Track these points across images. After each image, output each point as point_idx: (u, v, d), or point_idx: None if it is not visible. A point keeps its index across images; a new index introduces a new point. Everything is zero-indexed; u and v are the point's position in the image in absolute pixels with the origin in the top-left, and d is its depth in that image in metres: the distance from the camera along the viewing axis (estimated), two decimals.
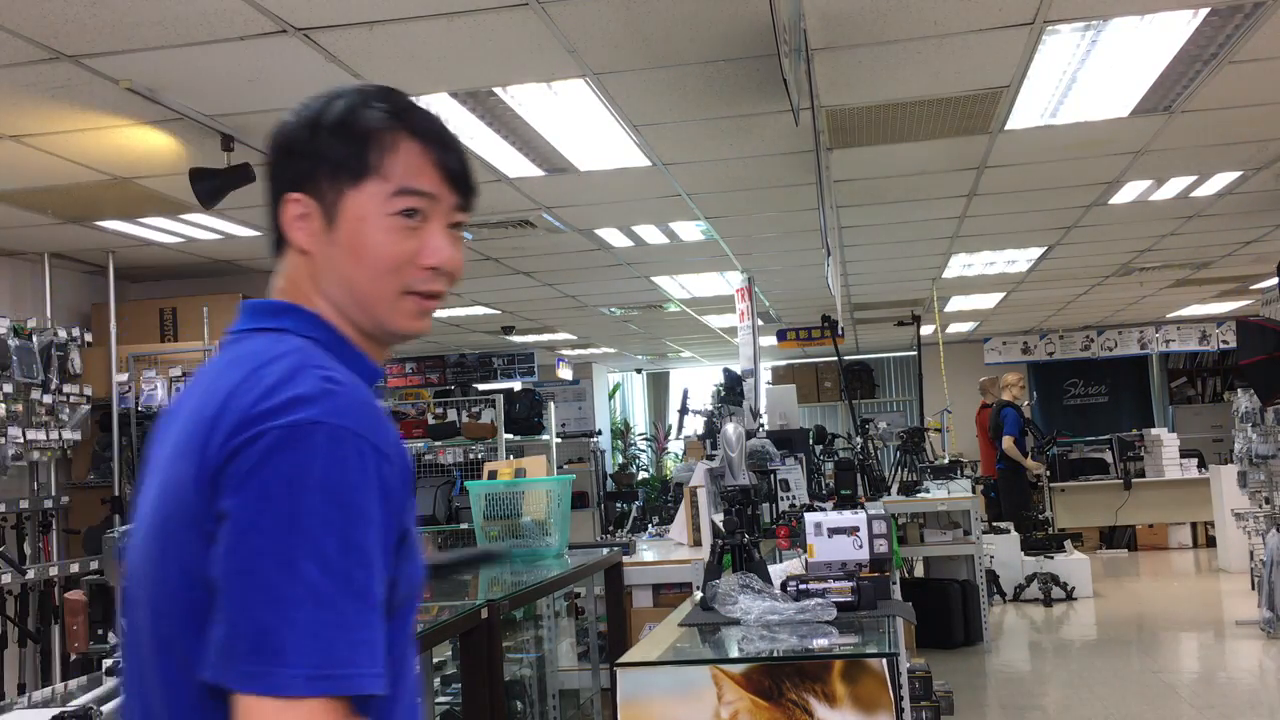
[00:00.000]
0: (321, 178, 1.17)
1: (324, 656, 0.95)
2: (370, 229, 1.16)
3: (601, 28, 3.58)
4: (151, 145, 4.55)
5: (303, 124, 1.22)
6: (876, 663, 2.41)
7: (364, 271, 1.16)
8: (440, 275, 1.18)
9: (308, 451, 0.99)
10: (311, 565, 0.96)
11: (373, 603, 1.00)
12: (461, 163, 1.21)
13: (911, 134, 5.04)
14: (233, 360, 1.11)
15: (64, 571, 5.84)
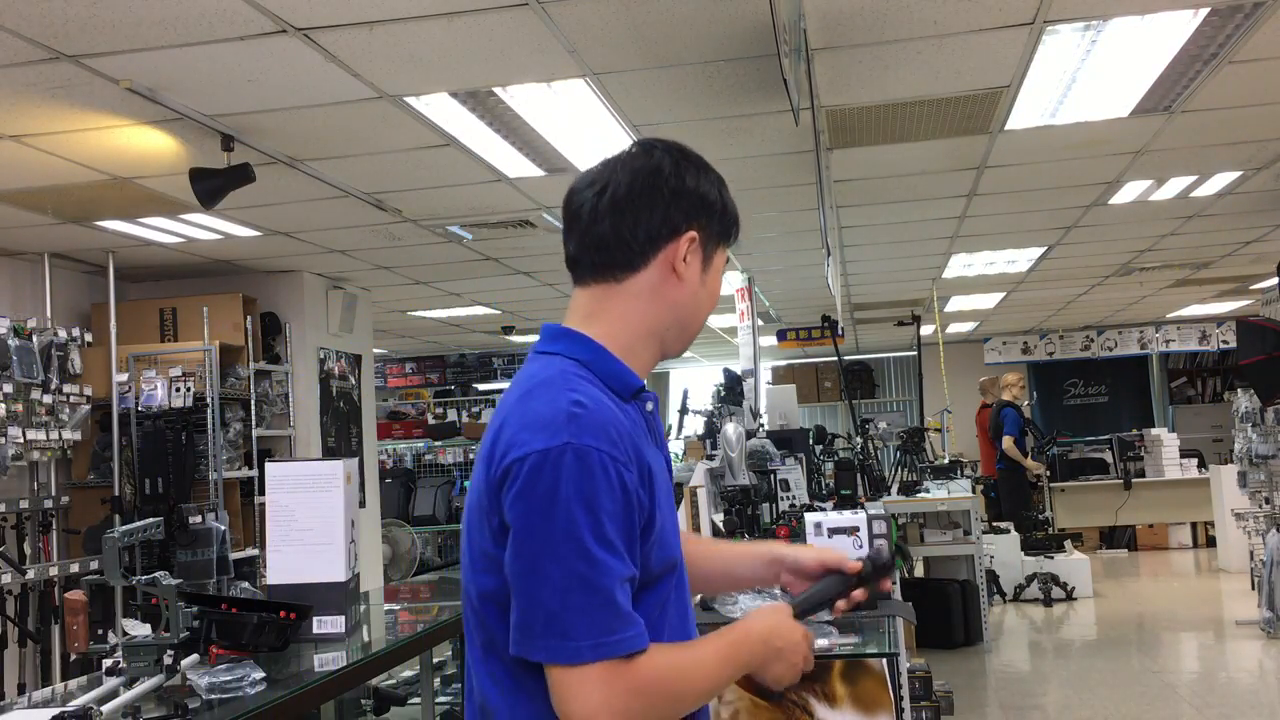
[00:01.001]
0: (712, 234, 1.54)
1: (601, 629, 1.27)
2: (710, 283, 1.55)
3: (601, 28, 3.58)
4: (151, 145, 4.55)
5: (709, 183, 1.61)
6: (876, 663, 2.41)
7: (704, 308, 1.54)
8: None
9: (561, 469, 1.28)
10: (577, 560, 1.27)
11: (624, 580, 1.31)
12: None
13: (911, 134, 5.04)
14: (518, 379, 1.45)
15: (64, 571, 5.84)
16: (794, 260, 8.31)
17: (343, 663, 2.53)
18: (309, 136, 4.55)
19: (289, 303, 7.42)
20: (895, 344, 15.24)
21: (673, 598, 1.45)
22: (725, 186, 1.58)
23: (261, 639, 2.37)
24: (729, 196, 1.57)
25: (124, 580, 2.28)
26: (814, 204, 5.80)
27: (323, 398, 7.55)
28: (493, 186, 5.50)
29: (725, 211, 1.55)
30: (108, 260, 6.54)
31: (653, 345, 1.51)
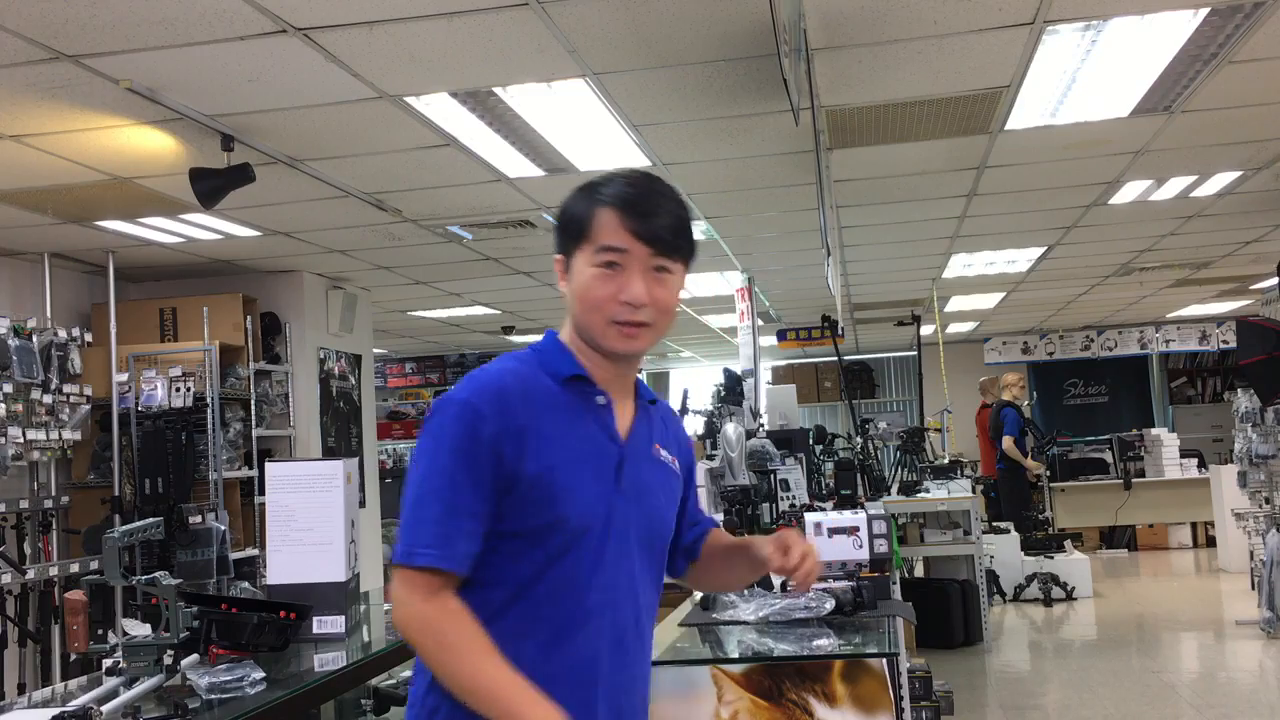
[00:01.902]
0: (565, 243, 1.70)
1: (411, 540, 1.58)
2: (584, 278, 1.66)
3: (601, 28, 3.58)
4: (151, 145, 4.55)
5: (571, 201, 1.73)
6: (876, 663, 2.41)
7: (581, 306, 1.66)
8: (637, 309, 1.64)
9: (436, 412, 1.63)
10: (418, 483, 1.60)
11: (455, 507, 1.58)
12: (649, 221, 1.65)
13: (911, 134, 5.04)
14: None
15: (64, 571, 5.84)
16: (794, 260, 8.31)
17: (343, 663, 2.53)
18: (309, 136, 4.55)
19: (289, 303, 7.42)
20: (895, 344, 15.24)
21: (569, 560, 1.61)
22: (590, 194, 1.69)
23: (261, 639, 2.37)
24: (573, 203, 1.71)
25: (124, 580, 2.28)
26: (814, 204, 5.80)
27: (323, 398, 7.55)
28: (493, 186, 5.51)
29: (563, 223, 1.71)
30: (108, 260, 6.54)
31: (581, 337, 1.71)
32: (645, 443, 1.76)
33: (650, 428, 1.79)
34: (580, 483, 1.63)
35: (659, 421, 1.83)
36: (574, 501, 1.62)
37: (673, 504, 1.82)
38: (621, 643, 1.66)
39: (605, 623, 1.64)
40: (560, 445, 1.63)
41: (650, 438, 1.78)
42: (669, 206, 1.68)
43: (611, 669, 1.65)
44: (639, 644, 1.70)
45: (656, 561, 1.77)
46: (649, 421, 1.79)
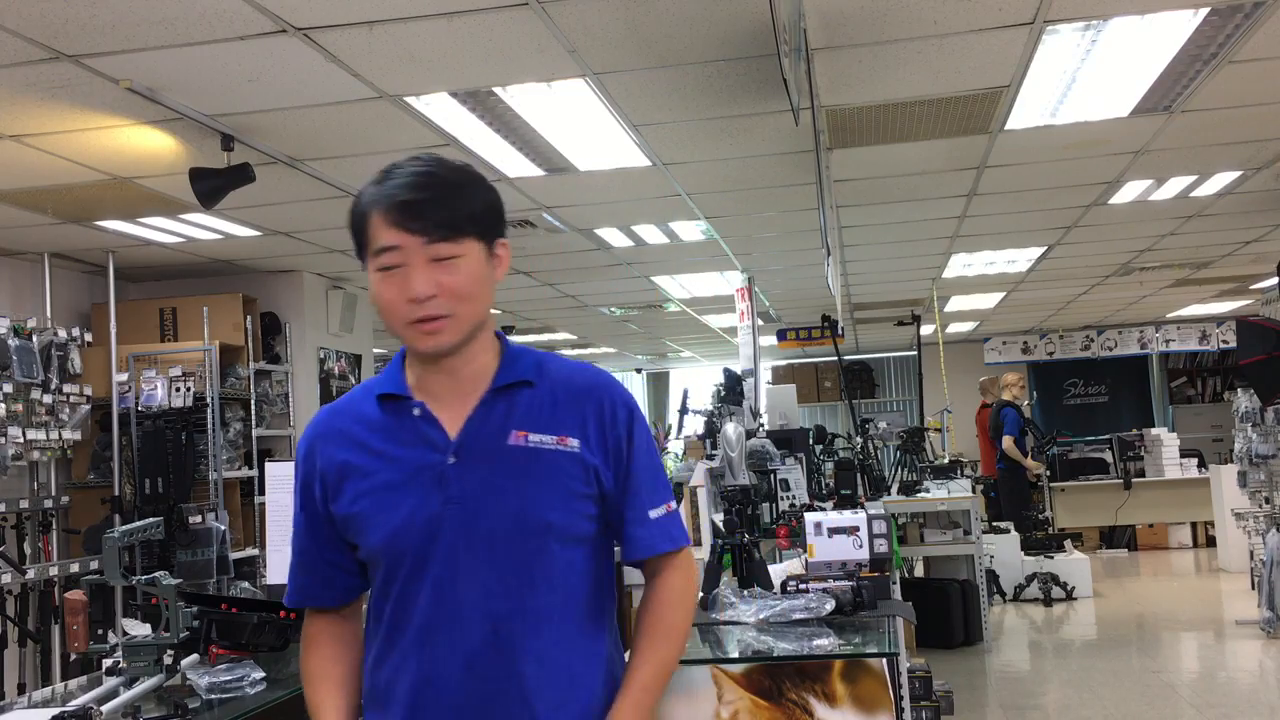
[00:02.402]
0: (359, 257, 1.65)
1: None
2: (374, 287, 1.60)
3: (601, 28, 3.58)
4: (151, 145, 4.55)
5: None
6: (876, 663, 2.41)
7: (381, 316, 1.62)
8: (424, 303, 1.56)
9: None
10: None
11: (300, 550, 1.74)
12: (411, 210, 1.56)
13: (911, 134, 5.04)
14: None
15: (64, 571, 5.84)
16: (794, 260, 8.31)
17: None
18: (309, 136, 4.55)
19: (289, 303, 7.42)
20: (895, 344, 15.24)
21: (397, 584, 1.63)
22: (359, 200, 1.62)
23: (261, 639, 2.37)
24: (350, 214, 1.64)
25: (124, 580, 2.28)
26: (814, 204, 5.80)
27: (323, 398, 7.55)
28: None
29: (352, 237, 1.65)
30: (108, 260, 6.54)
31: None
32: (495, 434, 1.63)
33: (509, 414, 1.65)
34: (389, 509, 1.61)
35: (537, 403, 1.67)
36: (379, 531, 1.62)
37: (553, 488, 1.63)
38: (473, 662, 1.58)
39: (443, 643, 1.59)
40: (370, 475, 1.63)
41: (505, 426, 1.64)
42: (433, 188, 1.57)
43: (465, 690, 1.59)
44: (502, 658, 1.59)
45: (528, 561, 1.61)
46: (508, 408, 1.65)
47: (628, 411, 1.71)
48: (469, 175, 1.63)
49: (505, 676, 1.58)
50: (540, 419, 1.65)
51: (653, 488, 1.72)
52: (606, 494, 1.68)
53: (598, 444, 1.67)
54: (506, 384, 1.66)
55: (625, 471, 1.69)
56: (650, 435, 1.77)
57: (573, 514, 1.64)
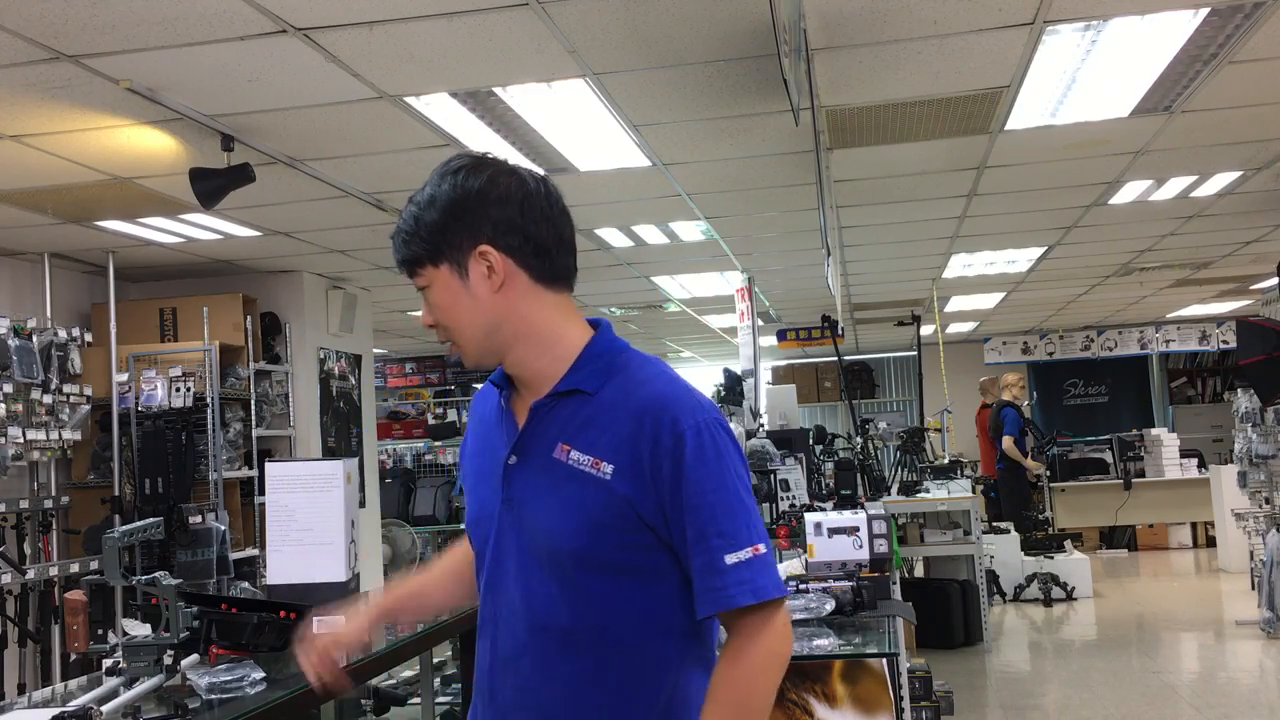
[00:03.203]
0: None
1: None
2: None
3: (601, 28, 3.58)
4: (151, 145, 4.55)
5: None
6: (876, 663, 2.41)
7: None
8: (430, 329, 1.66)
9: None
10: None
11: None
12: (394, 254, 1.68)
13: (911, 134, 5.04)
14: None
15: (64, 571, 5.84)
16: (794, 260, 8.30)
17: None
18: (309, 136, 4.55)
19: (289, 303, 7.42)
20: (895, 344, 15.24)
21: (478, 570, 1.69)
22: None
23: (261, 639, 2.37)
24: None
25: (124, 580, 2.28)
26: (814, 204, 5.80)
27: (323, 398, 7.55)
28: None
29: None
30: (108, 260, 6.54)
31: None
32: (543, 444, 1.57)
33: (561, 425, 1.56)
34: (475, 498, 1.68)
35: (590, 417, 1.56)
36: (469, 514, 1.70)
37: (579, 513, 1.52)
38: (511, 663, 1.56)
39: (489, 638, 1.60)
40: (473, 460, 1.72)
41: (554, 437, 1.56)
42: (401, 227, 1.64)
43: (499, 686, 1.58)
44: (537, 669, 1.53)
45: (562, 579, 1.52)
46: (560, 418, 1.57)
47: (675, 437, 1.50)
48: (436, 183, 1.60)
49: (540, 692, 1.53)
50: (587, 435, 1.54)
51: (727, 527, 1.48)
52: (655, 529, 1.51)
53: (632, 471, 1.50)
54: (562, 391, 1.58)
55: (679, 506, 1.49)
56: (726, 462, 1.52)
57: (604, 544, 1.51)
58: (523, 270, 1.60)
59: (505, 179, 1.59)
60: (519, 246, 1.59)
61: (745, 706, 1.47)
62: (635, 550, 1.51)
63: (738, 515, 1.49)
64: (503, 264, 1.58)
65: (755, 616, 1.47)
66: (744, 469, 1.55)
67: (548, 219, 1.63)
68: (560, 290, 1.67)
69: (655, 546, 1.51)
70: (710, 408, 1.56)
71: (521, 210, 1.59)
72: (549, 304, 1.64)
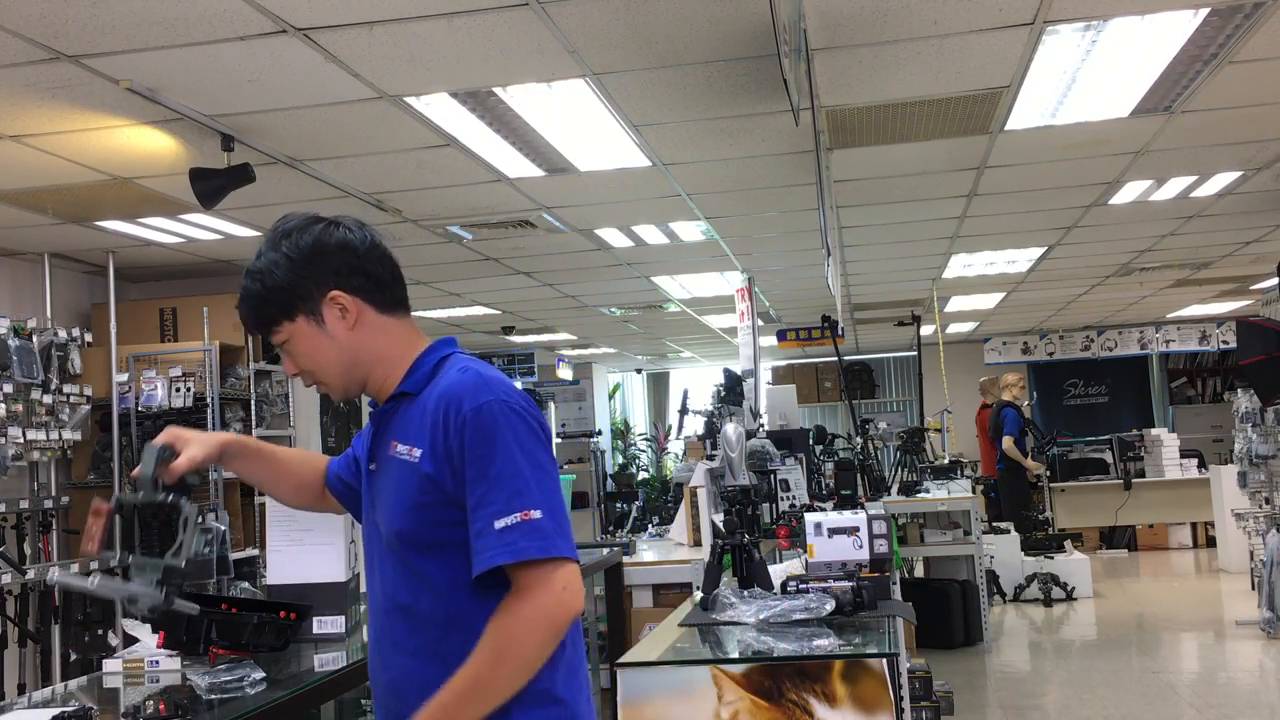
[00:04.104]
0: None
1: None
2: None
3: (601, 28, 3.58)
4: (151, 145, 4.55)
5: None
6: (876, 663, 2.41)
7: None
8: (297, 377, 1.83)
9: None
10: None
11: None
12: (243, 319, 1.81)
13: (911, 134, 5.04)
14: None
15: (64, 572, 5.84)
16: (794, 260, 8.31)
17: (343, 663, 2.53)
18: (309, 136, 4.55)
19: None
20: (895, 344, 15.24)
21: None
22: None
23: (261, 639, 2.37)
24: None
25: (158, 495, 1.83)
26: (814, 204, 5.80)
27: (323, 398, 7.55)
28: (493, 186, 5.50)
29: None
30: (108, 260, 6.54)
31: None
32: (384, 444, 1.79)
33: (392, 425, 1.79)
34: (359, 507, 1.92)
35: (412, 413, 1.76)
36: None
37: (401, 498, 1.71)
38: (377, 645, 1.79)
39: (372, 625, 1.81)
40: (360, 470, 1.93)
41: (390, 436, 1.78)
42: (244, 289, 1.79)
43: (375, 666, 1.80)
44: (392, 649, 1.74)
45: (398, 563, 1.73)
46: (394, 418, 1.80)
47: (460, 417, 1.67)
48: (267, 252, 1.79)
49: (392, 668, 1.75)
50: (409, 430, 1.74)
51: (498, 495, 1.63)
52: (459, 503, 1.68)
53: (432, 452, 1.69)
54: (392, 395, 1.81)
55: (464, 479, 1.66)
56: (506, 436, 1.66)
57: (422, 523, 1.69)
58: (369, 305, 1.80)
59: (335, 231, 1.84)
60: (362, 285, 1.79)
61: (502, 653, 1.62)
62: (451, 526, 1.68)
63: (510, 483, 1.64)
64: (353, 304, 1.78)
65: (530, 575, 1.62)
66: (536, 442, 1.68)
67: (381, 256, 1.85)
68: (402, 316, 1.86)
69: (460, 524, 1.68)
70: (501, 390, 1.70)
71: (358, 254, 1.81)
72: (395, 329, 1.83)
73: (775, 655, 2.51)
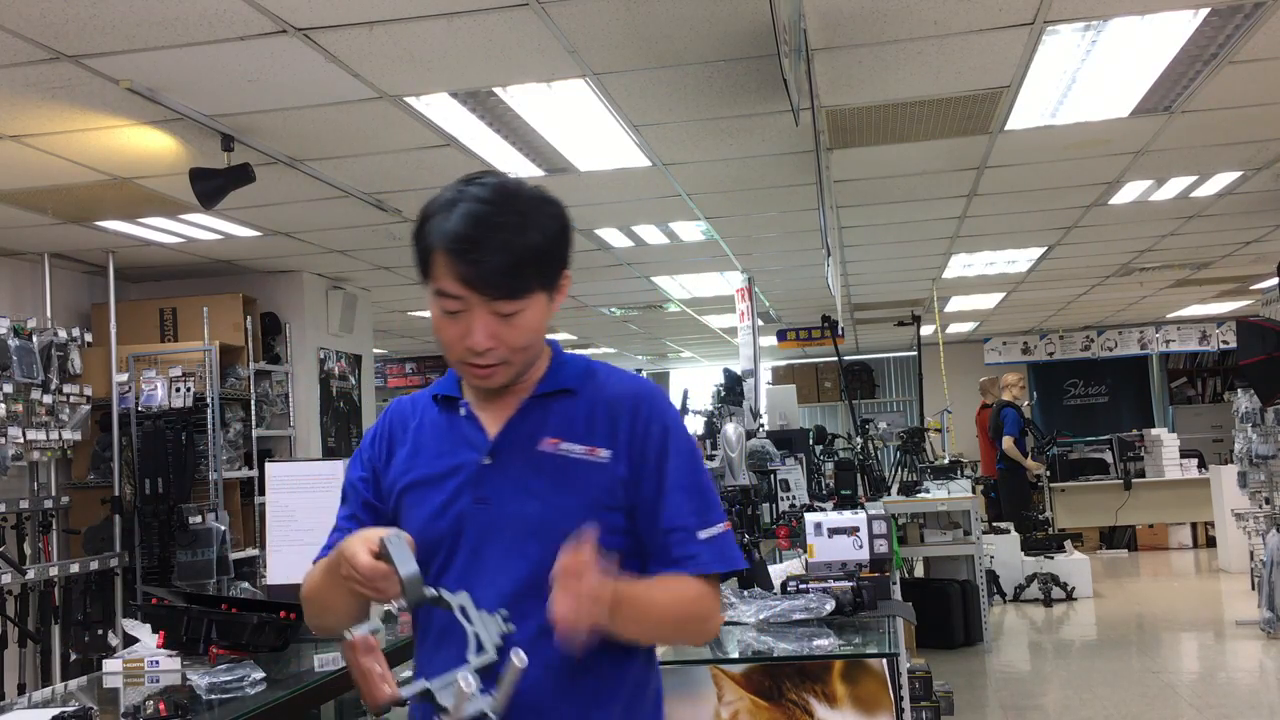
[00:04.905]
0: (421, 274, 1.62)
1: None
2: (434, 316, 1.61)
3: (601, 28, 3.58)
4: (151, 145, 4.55)
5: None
6: (876, 663, 2.41)
7: (440, 343, 1.63)
8: (483, 354, 1.57)
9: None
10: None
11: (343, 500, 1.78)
12: (474, 266, 1.52)
13: (911, 134, 5.04)
14: None
15: (64, 571, 5.85)
16: (794, 260, 8.31)
17: (343, 663, 2.53)
18: (309, 136, 4.55)
19: (289, 303, 7.42)
20: (895, 344, 15.24)
21: (429, 570, 1.62)
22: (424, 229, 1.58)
23: (261, 639, 2.37)
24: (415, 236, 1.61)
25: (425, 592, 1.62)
26: (814, 204, 5.80)
27: (323, 398, 7.55)
28: None
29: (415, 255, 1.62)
30: (108, 260, 6.54)
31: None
32: (529, 439, 1.64)
33: (544, 420, 1.65)
34: (424, 502, 1.65)
35: (575, 412, 1.66)
36: (414, 523, 1.64)
37: (577, 498, 1.61)
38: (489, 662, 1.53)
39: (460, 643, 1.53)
40: (414, 468, 1.69)
41: (540, 432, 1.64)
42: (503, 243, 1.53)
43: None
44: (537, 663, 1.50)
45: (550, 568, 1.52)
46: (545, 414, 1.66)
47: (662, 426, 1.66)
48: (534, 213, 1.56)
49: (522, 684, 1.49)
50: (574, 427, 1.65)
51: (702, 506, 1.65)
52: (638, 510, 1.63)
53: (627, 456, 1.63)
54: (548, 391, 1.67)
55: (661, 487, 1.63)
56: (696, 453, 1.70)
57: (602, 527, 1.55)
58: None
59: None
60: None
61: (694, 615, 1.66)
62: (616, 535, 1.62)
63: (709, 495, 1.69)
64: (568, 286, 1.66)
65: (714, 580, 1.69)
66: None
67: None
68: None
69: (627, 533, 1.65)
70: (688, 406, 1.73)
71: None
72: None
73: (775, 655, 2.51)
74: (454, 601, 1.52)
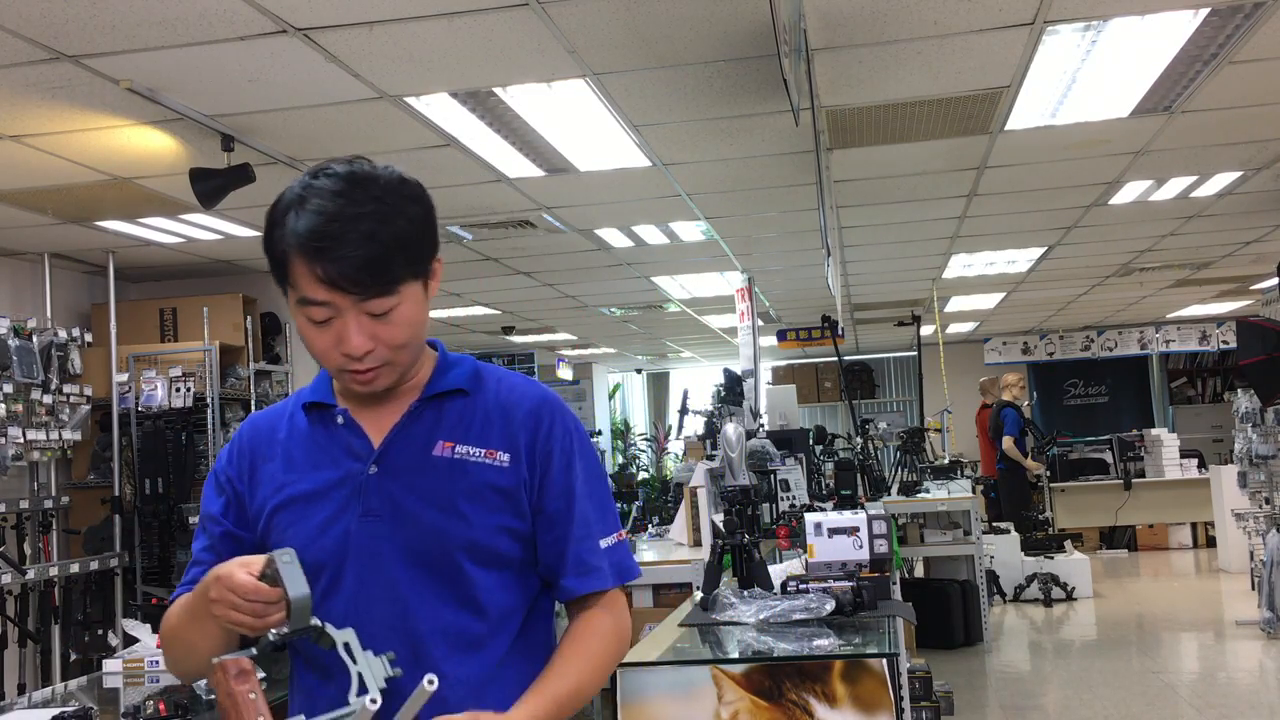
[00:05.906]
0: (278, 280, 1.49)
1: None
2: (301, 328, 1.48)
3: (601, 28, 3.58)
4: (151, 145, 4.55)
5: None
6: (876, 663, 2.41)
7: (312, 355, 1.50)
8: (361, 357, 1.44)
9: None
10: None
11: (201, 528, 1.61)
12: (335, 266, 1.39)
13: (911, 134, 5.04)
14: None
15: (64, 571, 5.84)
16: (794, 260, 8.31)
17: None
18: (309, 136, 4.55)
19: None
20: (895, 344, 15.24)
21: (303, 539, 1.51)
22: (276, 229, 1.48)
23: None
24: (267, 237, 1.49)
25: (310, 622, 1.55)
26: (814, 204, 5.80)
27: None
28: (493, 187, 5.50)
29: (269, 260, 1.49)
30: (108, 260, 6.54)
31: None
32: (419, 444, 1.53)
33: (436, 424, 1.54)
34: (304, 519, 1.52)
35: (469, 414, 1.56)
36: (293, 543, 1.47)
37: (474, 504, 1.51)
38: (393, 683, 1.41)
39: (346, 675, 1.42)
40: (288, 484, 1.54)
41: (432, 436, 1.53)
42: (364, 235, 1.39)
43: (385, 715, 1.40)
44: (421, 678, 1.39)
45: (450, 579, 1.49)
46: (436, 417, 1.55)
47: (565, 432, 1.58)
48: (392, 197, 1.44)
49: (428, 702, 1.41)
50: (470, 430, 1.54)
51: (604, 514, 1.60)
52: (540, 518, 1.56)
53: (528, 462, 1.54)
54: (437, 393, 1.56)
55: (569, 497, 1.56)
56: (598, 461, 1.63)
57: (495, 533, 1.51)
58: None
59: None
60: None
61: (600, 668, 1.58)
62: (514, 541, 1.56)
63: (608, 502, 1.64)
64: (440, 273, 1.54)
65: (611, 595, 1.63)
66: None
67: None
68: None
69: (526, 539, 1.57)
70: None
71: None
72: None
73: (775, 655, 2.51)
74: (338, 638, 1.41)
